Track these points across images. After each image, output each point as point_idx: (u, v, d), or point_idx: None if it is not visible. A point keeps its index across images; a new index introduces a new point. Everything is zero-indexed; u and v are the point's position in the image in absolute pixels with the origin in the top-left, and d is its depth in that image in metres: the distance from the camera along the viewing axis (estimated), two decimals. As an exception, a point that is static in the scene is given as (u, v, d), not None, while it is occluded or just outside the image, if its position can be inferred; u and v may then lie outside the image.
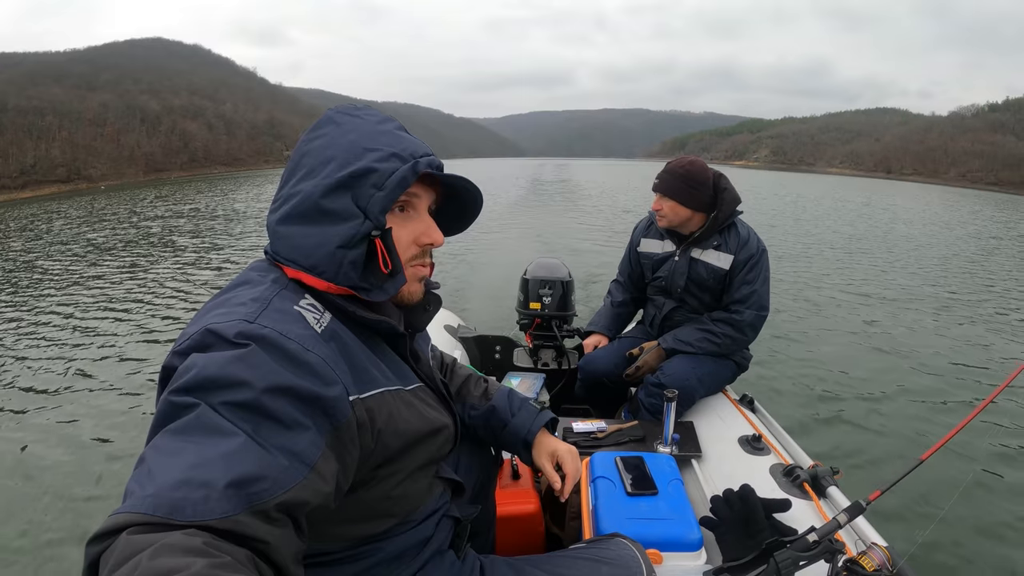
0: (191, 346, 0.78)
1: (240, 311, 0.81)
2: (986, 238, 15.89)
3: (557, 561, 1.16)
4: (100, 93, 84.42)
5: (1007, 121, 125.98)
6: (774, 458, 1.82)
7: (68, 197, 35.49)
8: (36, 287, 8.54)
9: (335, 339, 0.87)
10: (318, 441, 0.74)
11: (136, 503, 0.59)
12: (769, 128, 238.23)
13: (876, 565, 1.12)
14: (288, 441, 0.71)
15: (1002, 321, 6.88)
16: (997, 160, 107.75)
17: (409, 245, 0.96)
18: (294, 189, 0.91)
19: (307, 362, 0.77)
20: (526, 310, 3.00)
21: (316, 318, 0.86)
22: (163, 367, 0.80)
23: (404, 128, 0.98)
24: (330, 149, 0.91)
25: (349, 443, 0.81)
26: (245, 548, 0.60)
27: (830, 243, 13.20)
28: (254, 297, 0.85)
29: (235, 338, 0.76)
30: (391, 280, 0.92)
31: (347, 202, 0.88)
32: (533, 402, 2.55)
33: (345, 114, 0.96)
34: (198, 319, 0.86)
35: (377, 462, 0.91)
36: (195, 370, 0.72)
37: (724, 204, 2.27)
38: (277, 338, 0.77)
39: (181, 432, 0.67)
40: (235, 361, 0.73)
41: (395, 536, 1.00)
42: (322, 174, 0.89)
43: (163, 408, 0.71)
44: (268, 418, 0.71)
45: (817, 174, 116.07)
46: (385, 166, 0.89)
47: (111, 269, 9.63)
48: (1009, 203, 39.22)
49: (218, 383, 0.71)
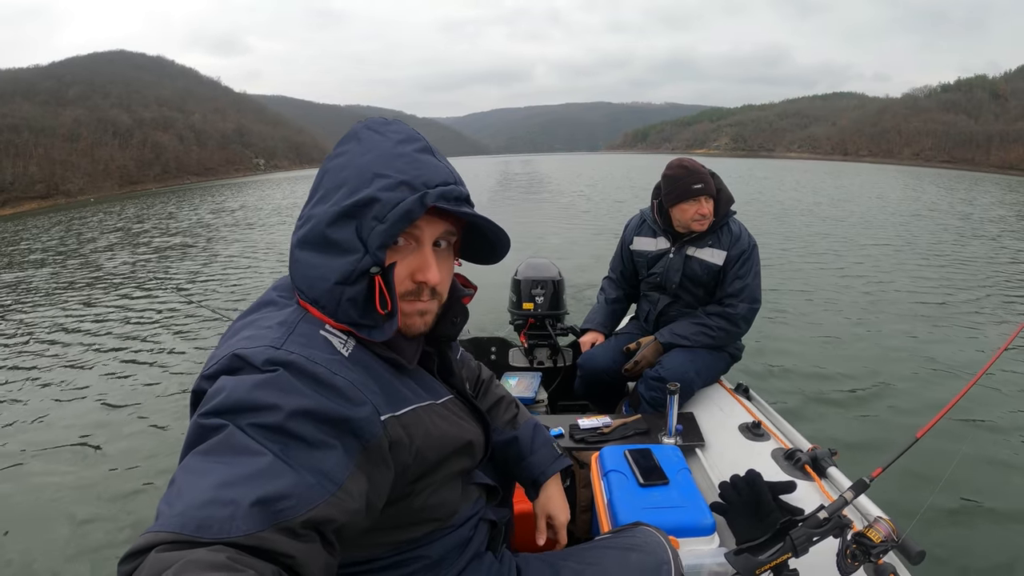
0: (220, 370, 0.79)
1: (267, 336, 0.82)
2: (964, 215, 16.32)
3: (587, 553, 1.19)
4: (71, 108, 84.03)
5: (959, 100, 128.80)
6: (774, 443, 1.91)
7: (58, 211, 35.15)
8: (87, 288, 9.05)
9: (361, 363, 0.86)
10: (346, 461, 0.75)
11: (165, 522, 0.61)
12: (729, 116, 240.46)
13: (883, 537, 1.20)
14: (315, 461, 0.71)
15: (986, 298, 7.07)
16: (949, 139, 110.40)
17: (404, 280, 0.90)
18: (311, 212, 0.89)
19: (334, 385, 0.78)
20: (519, 311, 3.05)
21: (342, 342, 0.86)
22: (192, 391, 0.82)
23: (431, 149, 0.92)
24: (345, 171, 0.88)
25: (380, 462, 0.81)
26: (271, 563, 0.61)
27: (802, 226, 13.56)
28: (280, 321, 0.86)
29: (263, 365, 0.77)
30: (389, 321, 0.87)
31: (350, 233, 0.85)
32: (532, 401, 2.64)
33: (370, 130, 0.91)
34: (225, 343, 0.88)
35: (415, 476, 0.92)
36: (224, 394, 0.73)
37: (721, 203, 2.37)
38: (304, 363, 0.77)
39: (209, 453, 0.69)
40: (263, 385, 0.74)
41: (436, 540, 1.01)
42: (332, 200, 0.86)
43: (193, 430, 0.73)
44: (296, 439, 0.71)
45: (777, 159, 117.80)
46: (390, 196, 0.84)
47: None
48: (966, 179, 40.26)
49: (247, 406, 0.72)
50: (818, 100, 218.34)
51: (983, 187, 30.96)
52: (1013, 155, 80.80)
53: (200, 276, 10.11)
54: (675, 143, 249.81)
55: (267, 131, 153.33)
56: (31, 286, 9.93)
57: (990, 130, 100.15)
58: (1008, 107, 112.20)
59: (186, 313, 7.10)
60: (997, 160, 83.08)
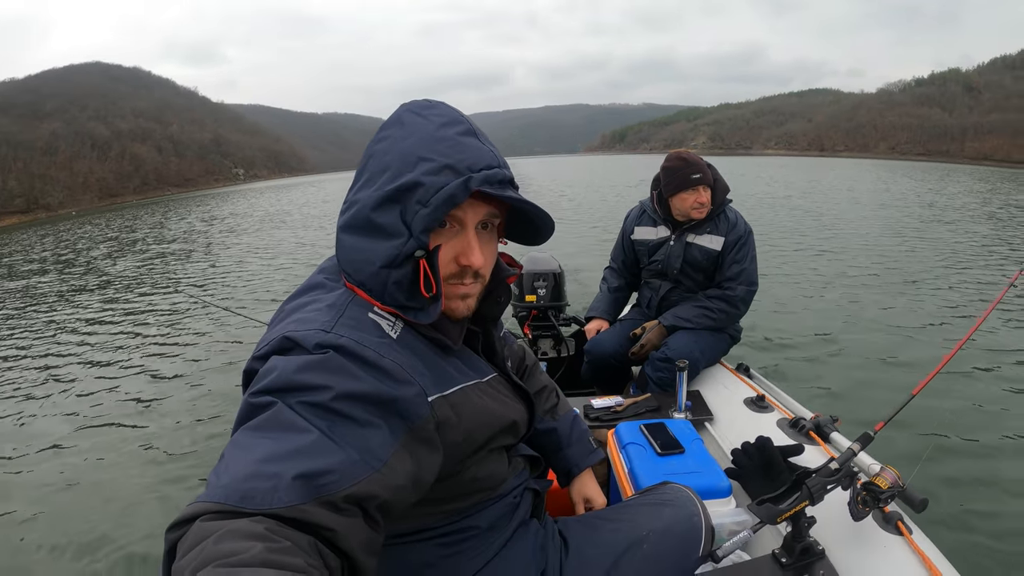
0: (271, 351, 0.81)
1: (318, 319, 0.84)
2: (957, 208, 16.52)
3: (622, 511, 1.26)
4: (49, 121, 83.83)
5: (933, 94, 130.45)
6: (778, 414, 2.00)
7: (40, 225, 35.03)
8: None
9: (409, 345, 0.88)
10: (391, 440, 0.76)
11: (210, 493, 0.63)
12: (706, 115, 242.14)
13: (889, 483, 1.29)
14: (361, 439, 0.73)
15: (968, 268, 7.42)
16: (924, 132, 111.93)
17: (448, 263, 0.91)
18: (355, 196, 0.90)
19: (383, 367, 0.80)
20: (522, 303, 3.14)
21: (391, 325, 0.88)
22: (244, 371, 0.85)
23: (474, 131, 0.91)
24: (388, 155, 0.88)
25: (426, 442, 0.83)
26: (310, 535, 0.62)
27: (778, 217, 13.94)
28: (330, 304, 0.88)
29: (314, 348, 0.79)
30: (434, 304, 0.88)
31: (395, 217, 0.85)
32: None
33: (413, 112, 0.91)
34: (275, 325, 0.91)
35: (465, 453, 0.94)
36: (275, 373, 0.76)
37: (717, 192, 2.48)
38: (354, 347, 0.79)
39: (258, 428, 0.70)
40: (314, 366, 0.76)
41: (485, 509, 1.05)
42: (377, 184, 0.87)
43: (243, 408, 0.75)
44: (343, 417, 0.73)
45: (754, 156, 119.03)
46: (433, 180, 0.83)
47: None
48: (939, 171, 40.96)
49: (296, 386, 0.74)
50: (794, 97, 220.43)
51: (955, 177, 31.53)
52: (987, 146, 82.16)
53: (211, 277, 10.33)
54: (653, 143, 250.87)
55: (245, 141, 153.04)
56: (38, 292, 10.14)
57: (964, 122, 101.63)
58: (982, 99, 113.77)
59: (208, 314, 7.24)
60: (971, 151, 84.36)
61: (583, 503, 1.39)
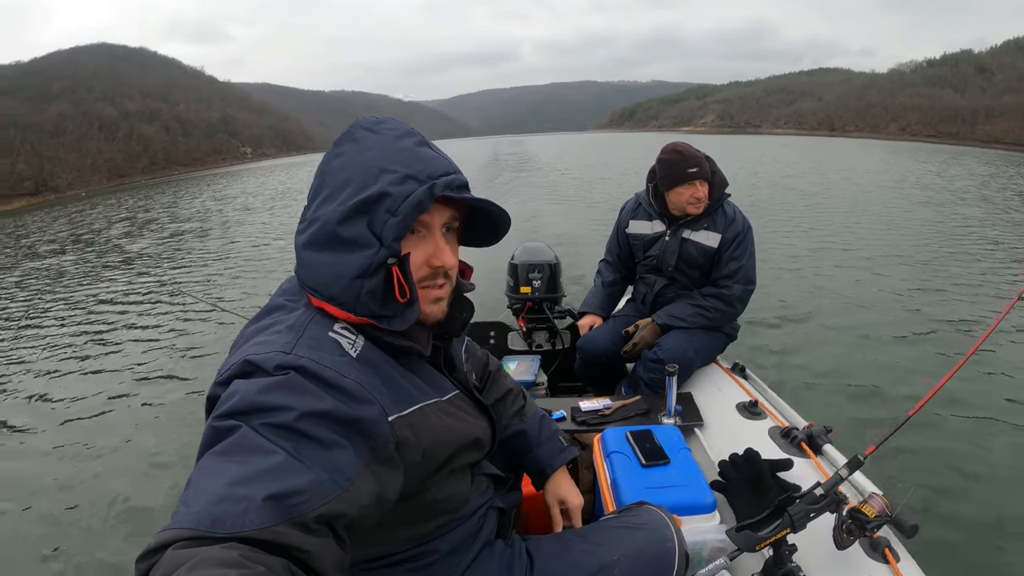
0: (232, 375, 0.81)
1: (278, 341, 0.84)
2: (952, 190, 16.25)
3: (595, 533, 1.24)
4: (56, 103, 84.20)
5: (944, 75, 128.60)
6: (771, 421, 1.95)
7: (51, 206, 35.33)
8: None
9: (369, 363, 0.89)
10: (355, 459, 0.77)
11: (181, 520, 0.63)
12: (715, 93, 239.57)
13: (877, 512, 1.25)
14: (327, 459, 0.73)
15: (976, 276, 7.08)
16: (935, 113, 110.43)
17: (420, 266, 0.94)
18: (316, 213, 0.91)
19: (343, 387, 0.80)
20: (517, 294, 3.09)
21: (350, 343, 0.89)
22: (207, 398, 0.84)
23: (426, 142, 0.95)
24: (348, 170, 0.90)
25: (388, 461, 0.83)
26: (284, 558, 0.62)
27: (789, 204, 13.54)
28: (290, 325, 0.88)
29: (274, 370, 0.79)
30: (410, 308, 0.91)
31: (363, 229, 0.87)
32: (532, 384, 2.68)
33: (365, 129, 0.94)
34: (236, 349, 0.90)
35: (425, 474, 0.95)
36: (237, 396, 0.76)
37: (715, 187, 2.41)
38: (314, 367, 0.80)
39: (223, 453, 0.71)
40: (275, 387, 0.76)
41: (447, 533, 1.05)
42: (339, 199, 0.88)
43: (208, 433, 0.75)
44: (307, 438, 0.73)
45: (763, 135, 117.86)
46: (399, 190, 0.87)
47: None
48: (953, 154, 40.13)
49: (259, 407, 0.74)
50: (804, 76, 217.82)
51: (961, 161, 30.87)
52: (998, 128, 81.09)
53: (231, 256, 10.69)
54: (661, 121, 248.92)
55: (252, 119, 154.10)
56: (64, 271, 10.57)
57: (976, 104, 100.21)
58: (994, 81, 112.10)
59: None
60: (983, 134, 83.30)
61: (558, 504, 1.38)
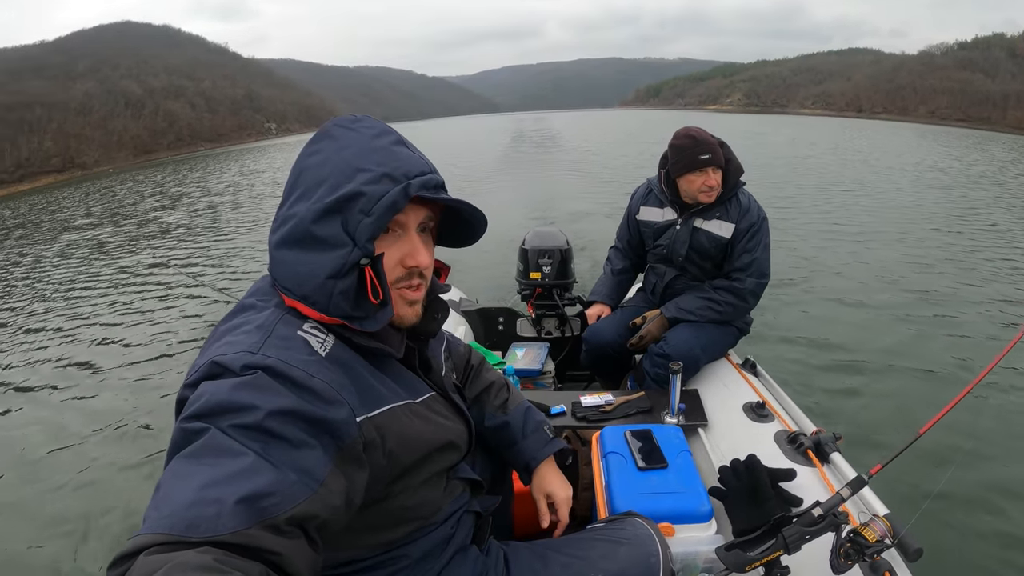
0: (200, 377, 0.80)
1: (245, 341, 0.83)
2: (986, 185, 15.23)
3: (577, 544, 1.21)
4: (81, 82, 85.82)
5: (976, 59, 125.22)
6: (778, 425, 1.88)
7: (78, 183, 35.51)
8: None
9: (339, 362, 0.88)
10: (325, 460, 0.76)
11: (152, 525, 0.62)
12: (743, 72, 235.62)
13: (878, 536, 1.18)
14: (296, 459, 0.73)
15: (1001, 288, 6.68)
16: (965, 97, 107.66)
17: (395, 267, 0.93)
18: (290, 211, 0.90)
19: (311, 387, 0.79)
20: (527, 280, 3.04)
21: (320, 342, 0.88)
22: (176, 400, 0.83)
23: (403, 141, 0.95)
24: (324, 168, 0.89)
25: (355, 462, 0.83)
26: (258, 562, 0.62)
27: (819, 193, 13.03)
28: (259, 325, 0.87)
29: (241, 370, 0.78)
30: (382, 309, 0.90)
31: (337, 228, 0.86)
32: (539, 372, 2.64)
33: (342, 127, 0.93)
34: (205, 351, 0.89)
35: (391, 477, 0.93)
36: (204, 398, 0.75)
37: (729, 174, 2.31)
38: (281, 366, 0.79)
39: (193, 456, 0.70)
40: (242, 387, 0.76)
41: (418, 539, 1.03)
42: (314, 197, 0.88)
43: (176, 436, 0.74)
44: (276, 438, 0.73)
45: (790, 115, 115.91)
46: (374, 189, 0.86)
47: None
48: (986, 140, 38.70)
49: (226, 408, 0.73)
50: (833, 56, 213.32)
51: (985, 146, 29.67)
52: (1031, 114, 79.04)
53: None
54: (688, 99, 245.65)
55: (276, 95, 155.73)
56: (92, 244, 11.21)
57: (1007, 89, 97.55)
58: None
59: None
60: (1013, 120, 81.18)
61: (544, 498, 1.35)
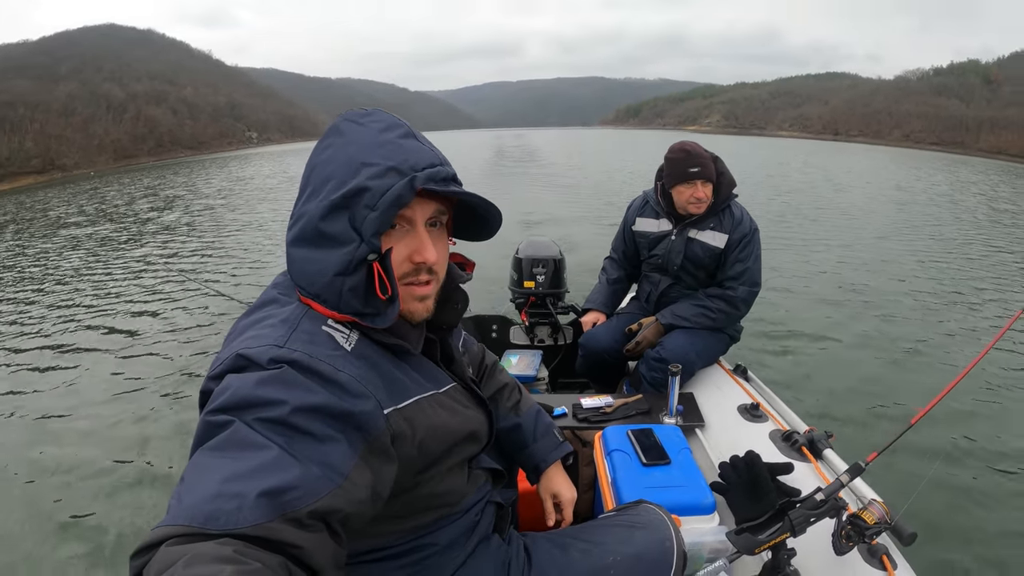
0: (226, 369, 0.81)
1: (271, 335, 0.84)
2: (956, 200, 16.11)
3: (593, 531, 1.23)
4: (64, 83, 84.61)
5: (950, 84, 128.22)
6: (772, 424, 1.95)
7: (57, 185, 35.23)
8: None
9: (364, 356, 0.88)
10: (351, 454, 0.76)
11: (174, 516, 0.63)
12: (722, 93, 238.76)
13: (876, 518, 1.26)
14: (321, 454, 0.73)
15: (984, 286, 7.08)
16: (939, 122, 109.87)
17: (403, 262, 0.91)
18: (302, 209, 0.90)
19: (337, 381, 0.80)
20: (520, 288, 3.09)
21: (344, 337, 0.88)
22: (200, 391, 0.84)
23: (413, 133, 0.93)
24: (331, 165, 0.89)
25: (383, 455, 0.83)
26: (279, 554, 0.62)
27: (798, 207, 13.60)
28: (283, 319, 0.88)
29: (267, 363, 0.78)
30: (391, 305, 0.88)
31: (344, 225, 0.86)
32: (533, 379, 2.69)
33: (350, 122, 0.92)
34: (229, 343, 0.90)
35: (421, 467, 0.94)
36: (230, 391, 0.75)
37: (722, 187, 2.40)
38: (308, 360, 0.79)
39: (217, 448, 0.70)
40: (268, 382, 0.76)
41: (444, 526, 1.04)
42: (322, 194, 0.87)
43: (200, 428, 0.74)
44: (301, 433, 0.73)
45: (767, 137, 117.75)
46: (379, 183, 0.85)
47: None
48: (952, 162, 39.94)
49: (252, 402, 0.74)
50: (811, 79, 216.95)
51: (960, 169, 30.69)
52: (1002, 140, 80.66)
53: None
54: (667, 119, 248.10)
55: (259, 104, 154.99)
56: (94, 239, 11.33)
57: (981, 115, 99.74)
58: (1000, 93, 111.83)
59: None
60: (986, 144, 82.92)
61: (551, 499, 1.38)
